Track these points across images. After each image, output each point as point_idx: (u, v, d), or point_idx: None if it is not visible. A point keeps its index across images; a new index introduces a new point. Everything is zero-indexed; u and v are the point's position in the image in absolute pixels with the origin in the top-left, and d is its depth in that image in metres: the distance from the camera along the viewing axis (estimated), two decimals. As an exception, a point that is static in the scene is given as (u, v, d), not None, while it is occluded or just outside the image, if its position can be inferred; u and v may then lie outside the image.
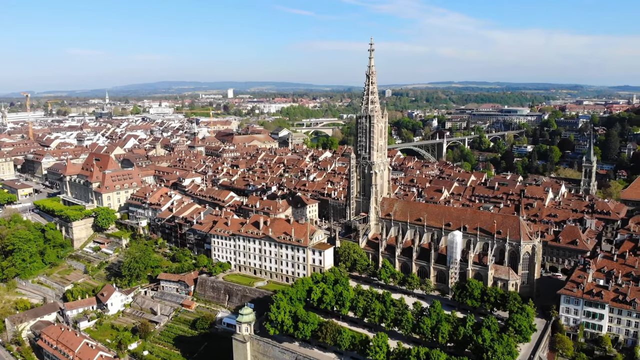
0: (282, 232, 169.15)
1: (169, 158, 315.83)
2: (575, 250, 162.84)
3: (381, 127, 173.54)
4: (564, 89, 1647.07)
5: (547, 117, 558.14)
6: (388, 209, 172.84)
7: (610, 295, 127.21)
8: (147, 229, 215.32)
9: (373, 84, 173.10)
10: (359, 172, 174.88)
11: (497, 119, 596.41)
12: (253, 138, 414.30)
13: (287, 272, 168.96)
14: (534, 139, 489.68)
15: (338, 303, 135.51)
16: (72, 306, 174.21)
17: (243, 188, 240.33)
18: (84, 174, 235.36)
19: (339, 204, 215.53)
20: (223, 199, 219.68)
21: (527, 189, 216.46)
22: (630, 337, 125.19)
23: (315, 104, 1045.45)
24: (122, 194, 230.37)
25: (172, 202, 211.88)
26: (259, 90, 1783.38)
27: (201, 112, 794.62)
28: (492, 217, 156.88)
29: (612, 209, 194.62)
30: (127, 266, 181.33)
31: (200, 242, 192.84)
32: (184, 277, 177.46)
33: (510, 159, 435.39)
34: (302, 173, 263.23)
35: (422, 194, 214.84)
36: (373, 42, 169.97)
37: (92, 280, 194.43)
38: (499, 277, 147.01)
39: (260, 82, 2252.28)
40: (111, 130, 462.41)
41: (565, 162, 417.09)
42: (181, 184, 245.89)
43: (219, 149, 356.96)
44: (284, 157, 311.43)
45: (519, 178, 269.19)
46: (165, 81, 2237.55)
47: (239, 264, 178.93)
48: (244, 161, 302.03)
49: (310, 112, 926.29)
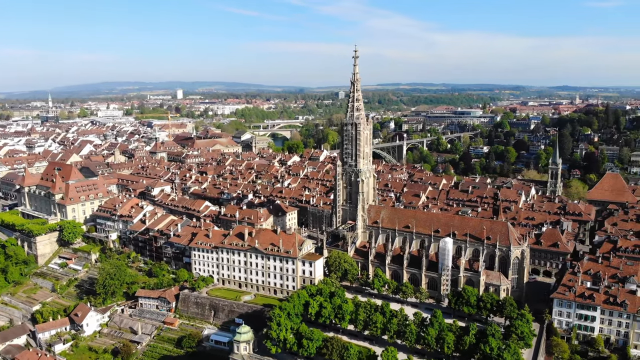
0: (269, 243, 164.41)
1: (131, 165, 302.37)
2: (557, 253, 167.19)
3: (367, 134, 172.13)
4: (506, 89, 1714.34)
5: (500, 119, 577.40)
6: (375, 217, 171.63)
7: (601, 298, 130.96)
8: (118, 242, 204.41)
9: (358, 91, 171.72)
10: (345, 179, 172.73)
11: (452, 121, 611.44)
12: (215, 142, 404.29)
13: (275, 284, 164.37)
14: (489, 140, 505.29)
15: (337, 316, 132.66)
16: (43, 328, 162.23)
17: (217, 197, 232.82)
18: (44, 185, 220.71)
19: (318, 211, 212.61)
20: (198, 208, 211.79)
21: (501, 192, 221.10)
22: (621, 338, 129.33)
23: (269, 105, 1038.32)
24: (88, 205, 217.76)
25: (144, 214, 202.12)
26: (208, 90, 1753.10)
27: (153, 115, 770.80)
28: (481, 223, 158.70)
29: (583, 210, 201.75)
30: (101, 283, 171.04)
31: (178, 256, 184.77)
32: (165, 293, 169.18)
33: (468, 160, 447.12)
34: (276, 179, 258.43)
35: (400, 199, 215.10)
36: (357, 50, 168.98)
37: (62, 299, 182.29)
38: (491, 282, 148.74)
39: (209, 82, 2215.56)
40: (62, 135, 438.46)
41: (521, 162, 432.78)
42: (150, 194, 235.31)
43: (181, 155, 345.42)
44: (253, 162, 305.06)
45: (488, 180, 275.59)
46: (108, 82, 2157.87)
47: (223, 278, 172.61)
48: (212, 167, 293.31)
49: (265, 114, 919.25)
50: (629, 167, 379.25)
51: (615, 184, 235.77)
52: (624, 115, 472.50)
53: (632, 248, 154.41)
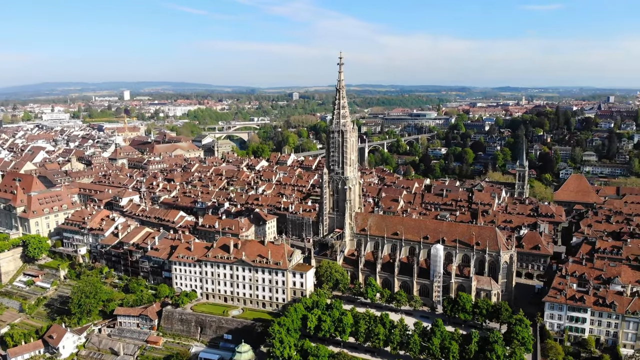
0: (257, 255, 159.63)
1: (91, 173, 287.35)
2: (538, 255, 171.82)
3: (353, 141, 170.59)
4: (452, 90, 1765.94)
5: (454, 120, 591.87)
6: (362, 224, 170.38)
7: (591, 300, 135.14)
8: (88, 257, 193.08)
9: (343, 98, 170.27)
10: (332, 187, 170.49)
11: (408, 123, 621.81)
12: (176, 147, 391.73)
13: (263, 297, 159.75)
14: (447, 141, 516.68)
15: (338, 329, 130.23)
16: (16, 352, 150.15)
17: (190, 206, 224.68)
18: (4, 197, 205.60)
19: (298, 218, 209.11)
20: (172, 219, 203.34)
21: (476, 195, 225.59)
22: (610, 338, 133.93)
23: (222, 106, 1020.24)
24: (52, 218, 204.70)
25: (116, 226, 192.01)
26: (155, 90, 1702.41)
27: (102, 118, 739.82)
28: (469, 228, 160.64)
29: (554, 212, 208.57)
30: (76, 302, 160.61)
31: (157, 270, 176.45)
32: (146, 310, 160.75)
33: (427, 161, 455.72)
34: (250, 186, 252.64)
35: (379, 205, 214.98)
36: (342, 56, 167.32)
37: (32, 319, 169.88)
38: (482, 287, 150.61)
39: (156, 82, 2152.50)
40: (10, 141, 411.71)
41: (479, 163, 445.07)
42: (118, 204, 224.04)
43: (142, 161, 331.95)
44: (221, 168, 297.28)
45: (457, 183, 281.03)
46: (47, 82, 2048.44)
47: (207, 292, 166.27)
48: (179, 174, 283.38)
49: (219, 115, 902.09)
50: (581, 167, 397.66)
51: (580, 185, 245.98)
52: (573, 116, 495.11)
53: (610, 249, 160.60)
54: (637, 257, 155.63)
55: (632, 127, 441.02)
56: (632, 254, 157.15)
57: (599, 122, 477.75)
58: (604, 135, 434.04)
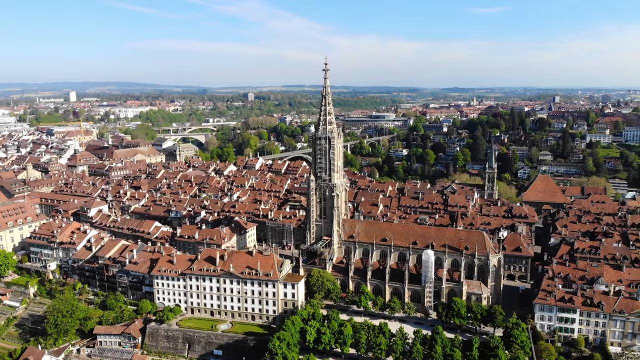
0: (245, 266, 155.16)
1: (50, 182, 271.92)
2: (520, 257, 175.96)
3: (340, 148, 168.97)
4: (403, 91, 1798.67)
5: (413, 122, 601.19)
6: (350, 231, 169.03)
7: (579, 300, 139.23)
8: (59, 272, 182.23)
9: (329, 105, 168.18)
10: (319, 194, 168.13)
11: (369, 125, 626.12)
12: (136, 152, 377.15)
13: (253, 310, 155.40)
14: (407, 143, 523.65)
15: (338, 341, 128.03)
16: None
17: (164, 215, 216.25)
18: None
19: (278, 225, 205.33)
20: (147, 230, 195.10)
21: (451, 198, 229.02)
22: (598, 337, 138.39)
23: (175, 107, 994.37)
24: (17, 231, 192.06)
25: (88, 239, 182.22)
26: (101, 91, 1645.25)
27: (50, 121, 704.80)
28: (457, 233, 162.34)
29: (527, 213, 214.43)
30: (52, 322, 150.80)
31: (136, 285, 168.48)
32: (129, 328, 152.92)
33: (391, 163, 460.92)
34: (223, 192, 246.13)
35: (359, 209, 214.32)
36: (328, 62, 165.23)
37: (3, 341, 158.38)
38: (472, 292, 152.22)
39: (102, 82, 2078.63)
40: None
41: (440, 163, 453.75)
42: (86, 215, 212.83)
43: (104, 167, 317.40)
44: (189, 174, 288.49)
45: (428, 186, 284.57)
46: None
47: (192, 307, 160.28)
48: (146, 181, 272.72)
49: (172, 117, 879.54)
50: (538, 166, 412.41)
51: (547, 186, 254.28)
52: (527, 117, 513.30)
53: (589, 249, 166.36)
54: (613, 256, 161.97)
55: (583, 127, 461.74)
56: (609, 253, 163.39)
57: (552, 123, 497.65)
58: (557, 135, 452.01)
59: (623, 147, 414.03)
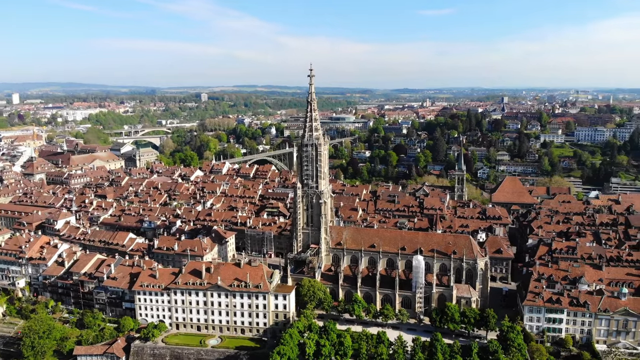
0: (233, 278, 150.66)
1: (7, 191, 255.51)
2: (501, 259, 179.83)
3: (326, 155, 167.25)
4: (355, 92, 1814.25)
5: (373, 124, 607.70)
6: (337, 238, 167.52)
7: (566, 301, 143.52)
8: (28, 290, 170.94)
9: (315, 111, 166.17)
10: (306, 202, 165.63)
11: (330, 126, 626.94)
12: (94, 157, 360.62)
13: (242, 323, 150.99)
14: (369, 144, 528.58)
15: (339, 353, 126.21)
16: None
17: (136, 226, 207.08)
18: None
19: (257, 233, 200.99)
20: (121, 242, 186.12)
21: (425, 201, 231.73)
22: (584, 335, 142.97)
23: (126, 109, 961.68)
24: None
25: (59, 254, 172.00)
26: (44, 92, 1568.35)
27: None
28: (444, 238, 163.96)
29: (501, 214, 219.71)
30: (29, 344, 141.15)
31: (116, 302, 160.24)
32: (111, 347, 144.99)
33: (355, 165, 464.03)
34: (196, 200, 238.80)
35: (339, 214, 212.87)
36: (313, 69, 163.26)
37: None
38: (462, 295, 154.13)
39: (43, 83, 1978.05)
40: None
41: (402, 165, 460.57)
42: (52, 228, 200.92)
43: (62, 175, 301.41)
44: (155, 180, 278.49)
45: (400, 189, 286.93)
46: None
47: (177, 322, 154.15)
48: (111, 190, 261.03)
49: (123, 119, 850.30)
50: (496, 166, 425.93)
51: (515, 187, 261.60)
52: (483, 118, 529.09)
53: (566, 249, 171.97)
54: (590, 255, 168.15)
55: (537, 128, 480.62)
56: (585, 252, 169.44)
57: (507, 123, 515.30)
58: (513, 135, 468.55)
59: (576, 147, 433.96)
